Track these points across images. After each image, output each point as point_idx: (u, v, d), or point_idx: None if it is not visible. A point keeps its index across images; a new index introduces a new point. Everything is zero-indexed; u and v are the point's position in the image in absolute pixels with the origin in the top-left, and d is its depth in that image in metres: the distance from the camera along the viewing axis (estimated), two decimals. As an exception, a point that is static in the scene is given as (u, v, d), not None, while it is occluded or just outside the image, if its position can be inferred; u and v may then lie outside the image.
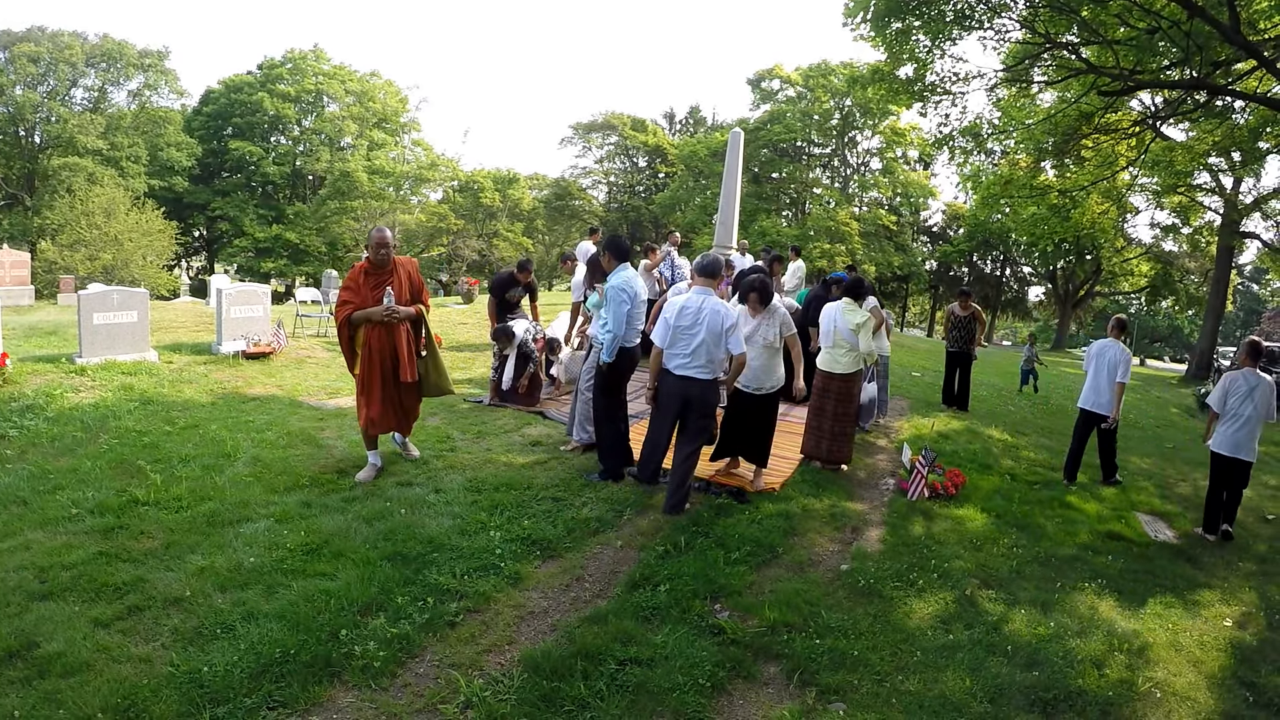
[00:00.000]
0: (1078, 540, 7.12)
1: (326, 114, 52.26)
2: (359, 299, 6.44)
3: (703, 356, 6.27)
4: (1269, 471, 12.42)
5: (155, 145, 47.00)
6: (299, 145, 52.52)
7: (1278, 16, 12.24)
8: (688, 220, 50.86)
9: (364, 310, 6.40)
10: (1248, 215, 30.55)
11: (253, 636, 3.92)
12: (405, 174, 53.41)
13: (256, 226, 47.75)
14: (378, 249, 6.48)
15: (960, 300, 12.96)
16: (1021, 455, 10.40)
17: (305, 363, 11.50)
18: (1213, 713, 4.41)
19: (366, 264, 6.55)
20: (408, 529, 5.43)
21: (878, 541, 6.43)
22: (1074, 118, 15.73)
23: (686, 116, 67.88)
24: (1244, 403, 7.74)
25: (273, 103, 49.36)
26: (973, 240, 51.48)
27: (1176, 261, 45.39)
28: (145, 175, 45.60)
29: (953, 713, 4.00)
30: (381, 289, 6.49)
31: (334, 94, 52.32)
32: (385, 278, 6.55)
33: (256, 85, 50.41)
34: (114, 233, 33.45)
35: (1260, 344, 8.23)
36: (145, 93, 49.76)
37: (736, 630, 4.51)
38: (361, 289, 6.47)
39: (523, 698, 3.68)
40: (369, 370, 6.52)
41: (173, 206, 45.47)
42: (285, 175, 51.76)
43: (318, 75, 52.01)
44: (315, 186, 53.17)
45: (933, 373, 18.91)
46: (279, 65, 51.77)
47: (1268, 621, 5.96)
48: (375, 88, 54.64)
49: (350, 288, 6.48)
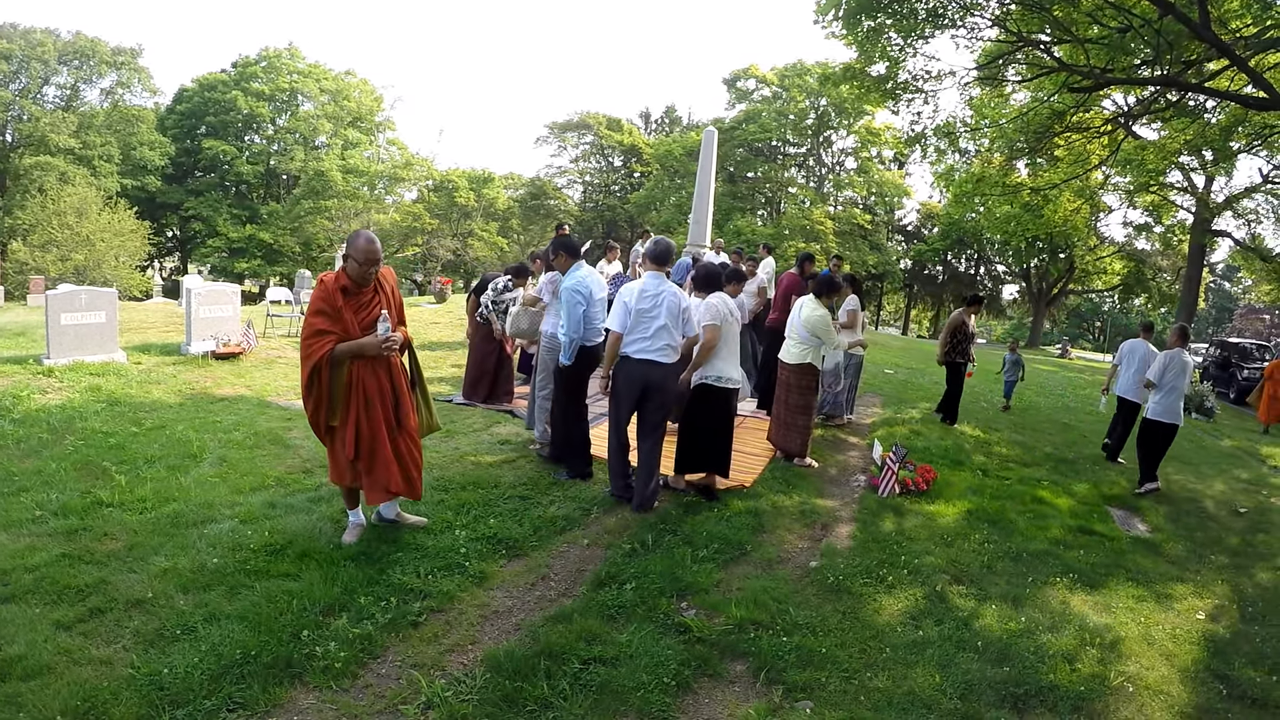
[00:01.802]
0: (1050, 535, 7.15)
1: (301, 113, 52.07)
2: (340, 327, 4.88)
3: (663, 339, 6.34)
4: (1241, 466, 12.55)
5: (128, 144, 46.70)
6: (273, 144, 52.32)
7: (1249, 16, 12.34)
8: (663, 220, 51.07)
9: (353, 343, 4.88)
10: (1219, 214, 30.92)
11: (214, 638, 3.85)
12: (380, 173, 53.36)
13: (230, 226, 47.49)
14: (365, 264, 4.89)
15: (970, 309, 11.97)
16: (994, 451, 10.45)
17: (275, 363, 11.39)
18: (1186, 706, 4.41)
19: (344, 280, 4.94)
20: (373, 529, 5.37)
21: (848, 538, 6.41)
22: (1046, 116, 15.83)
23: (662, 116, 68.21)
24: (1178, 376, 9.29)
25: (247, 101, 49.10)
26: (947, 239, 51.98)
27: (1149, 260, 45.94)
28: (118, 175, 45.32)
29: (922, 709, 3.97)
30: (368, 312, 5.02)
31: (309, 93, 52.15)
32: (370, 297, 5.07)
33: (230, 84, 50.18)
34: (86, 233, 33.21)
35: (1188, 329, 9.92)
36: (118, 91, 49.50)
37: (703, 628, 4.47)
38: (342, 314, 4.90)
39: (485, 698, 3.63)
40: (364, 421, 5.01)
41: (145, 206, 45.18)
42: (259, 175, 51.54)
43: (292, 74, 51.83)
44: (289, 186, 52.97)
45: (905, 370, 19.02)
46: (253, 64, 51.56)
47: (1240, 614, 5.99)
48: (350, 86, 54.49)
49: (325, 313, 4.87)
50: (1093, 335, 69.01)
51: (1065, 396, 19.13)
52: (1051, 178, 19.95)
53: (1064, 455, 10.88)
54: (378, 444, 5.03)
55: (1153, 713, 4.28)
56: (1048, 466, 9.99)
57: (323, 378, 4.87)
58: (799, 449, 8.42)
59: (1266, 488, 11.07)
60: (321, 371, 4.85)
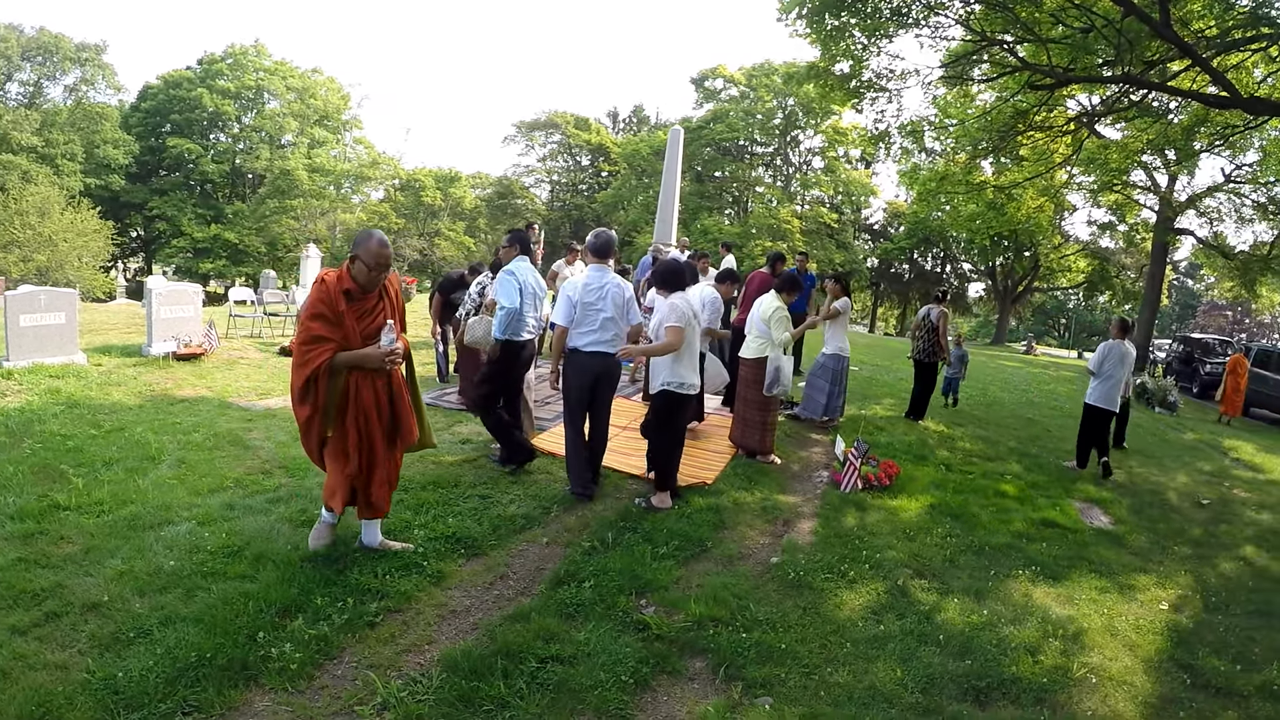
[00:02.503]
0: (1012, 529, 7.21)
1: (267, 111, 51.55)
2: (340, 334, 4.49)
3: (611, 330, 6.40)
4: (1203, 458, 12.74)
5: (91, 142, 46.04)
6: (238, 143, 51.77)
7: (1210, 17, 12.48)
8: (630, 219, 51.23)
9: (354, 353, 4.53)
10: (1182, 212, 31.31)
11: (169, 641, 3.79)
12: (346, 172, 53.00)
13: (195, 226, 46.90)
14: (376, 267, 4.53)
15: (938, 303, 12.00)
16: (957, 446, 10.53)
17: (237, 364, 11.26)
18: (1150, 696, 4.45)
19: (347, 282, 4.54)
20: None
21: (809, 534, 6.43)
22: (1010, 115, 15.95)
23: (630, 115, 68.38)
24: (1117, 366, 9.91)
25: (212, 99, 48.54)
26: (913, 237, 52.41)
27: (1113, 257, 46.50)
28: (81, 173, 44.68)
29: (883, 704, 3.98)
30: (371, 320, 4.65)
31: (275, 90, 51.67)
32: (375, 304, 4.69)
33: (196, 81, 49.58)
34: (48, 233, 32.80)
35: (1128, 321, 10.55)
36: (82, 88, 48.81)
37: (662, 626, 4.46)
38: (345, 320, 4.50)
39: (440, 698, 3.61)
40: (360, 435, 4.69)
41: (109, 206, 44.68)
42: (224, 174, 51.00)
43: (258, 71, 51.31)
44: (255, 185, 52.45)
45: (870, 366, 19.13)
46: (219, 61, 50.97)
47: (1204, 604, 6.08)
48: (317, 84, 54.04)
49: (324, 316, 4.46)
50: (1058, 332, 69.74)
51: (1029, 392, 19.32)
52: (1015, 176, 20.14)
53: (1028, 450, 10.99)
54: (375, 461, 4.76)
55: (1116, 703, 4.32)
56: (1011, 461, 10.07)
57: (319, 388, 4.47)
58: (758, 445, 8.42)
59: (1229, 479, 11.25)
60: (318, 381, 4.45)
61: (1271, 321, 55.75)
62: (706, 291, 9.20)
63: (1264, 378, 21.17)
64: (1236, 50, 12.77)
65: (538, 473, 7.14)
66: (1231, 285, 34.19)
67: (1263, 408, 21.46)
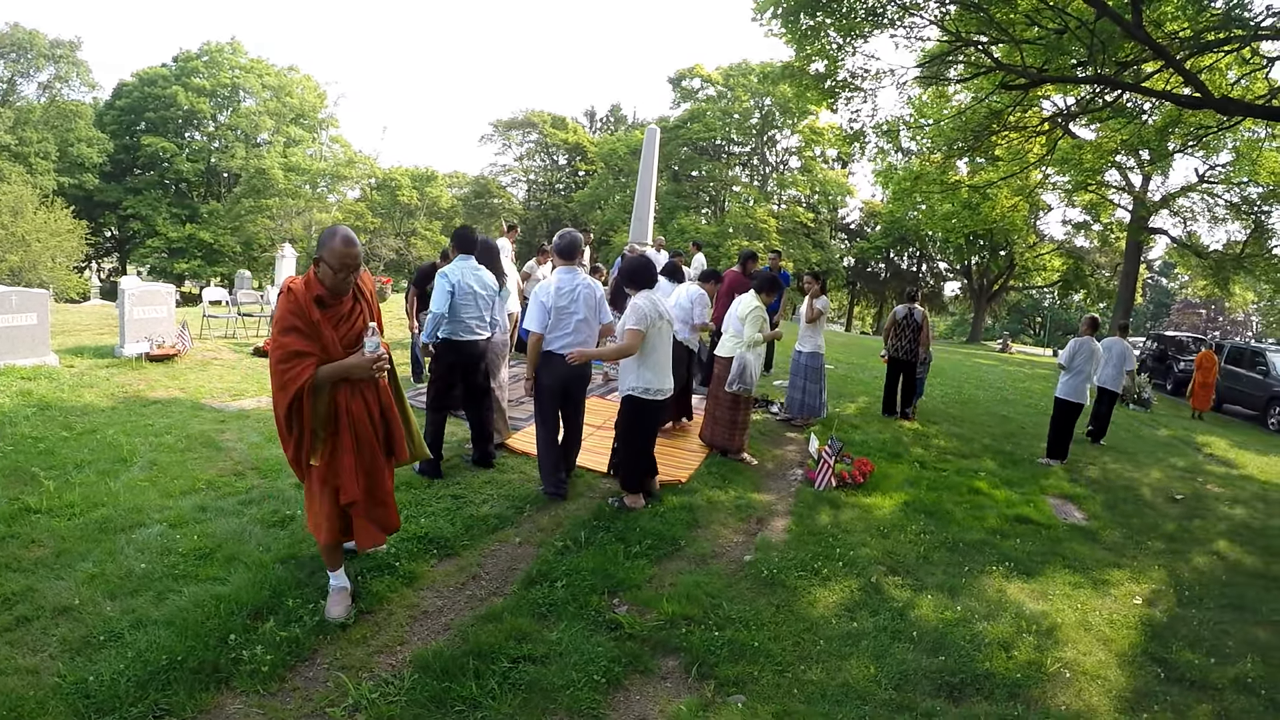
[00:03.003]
0: (986, 525, 7.25)
1: (242, 109, 51.02)
2: (318, 346, 4.02)
3: (584, 332, 6.40)
4: (1177, 454, 12.88)
5: (65, 140, 45.37)
6: (214, 141, 51.24)
7: (1183, 19, 12.59)
8: (607, 218, 51.22)
9: (338, 365, 4.06)
10: (1156, 212, 31.63)
11: (141, 644, 3.77)
12: (322, 171, 52.55)
13: (169, 226, 46.38)
14: (342, 268, 4.04)
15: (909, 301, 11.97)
16: (932, 443, 10.59)
17: (210, 364, 11.17)
18: (1124, 690, 4.48)
19: (316, 288, 4.06)
20: (304, 531, 5.25)
21: (783, 531, 6.45)
22: (984, 115, 16.05)
23: (607, 115, 68.33)
24: (1086, 361, 10.54)
25: (187, 97, 48.01)
26: (889, 237, 52.63)
27: (1087, 256, 46.91)
28: (54, 172, 44.02)
29: (856, 701, 4.00)
30: (349, 325, 4.20)
31: (250, 88, 51.19)
32: (350, 307, 4.24)
33: (171, 78, 49.03)
34: (21, 233, 32.39)
35: (1097, 319, 11.11)
36: (56, 85, 47.92)
37: (634, 625, 4.46)
38: (320, 330, 4.03)
39: (412, 699, 3.60)
40: (354, 454, 4.18)
41: (83, 205, 44.09)
42: (199, 173, 50.51)
43: (234, 69, 50.80)
44: (230, 184, 51.91)
45: (845, 365, 19.21)
46: (194, 58, 50.42)
47: (1177, 598, 6.13)
48: (293, 82, 53.55)
49: (298, 329, 3.98)
50: (1033, 330, 70.20)
51: (1004, 390, 19.46)
52: (990, 176, 20.30)
53: (1002, 447, 11.07)
54: (377, 479, 4.30)
55: (1090, 697, 4.35)
56: (986, 458, 10.13)
57: (305, 409, 3.99)
58: (727, 442, 8.40)
59: (1202, 475, 11.37)
60: (303, 402, 3.97)
61: (1245, 319, 56.27)
62: (693, 289, 9.23)
63: (1237, 374, 21.46)
64: (1210, 52, 12.89)
65: (511, 472, 7.12)
66: (1205, 284, 34.60)
67: (1236, 404, 21.72)
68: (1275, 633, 5.68)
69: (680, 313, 9.03)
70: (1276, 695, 4.63)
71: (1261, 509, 9.76)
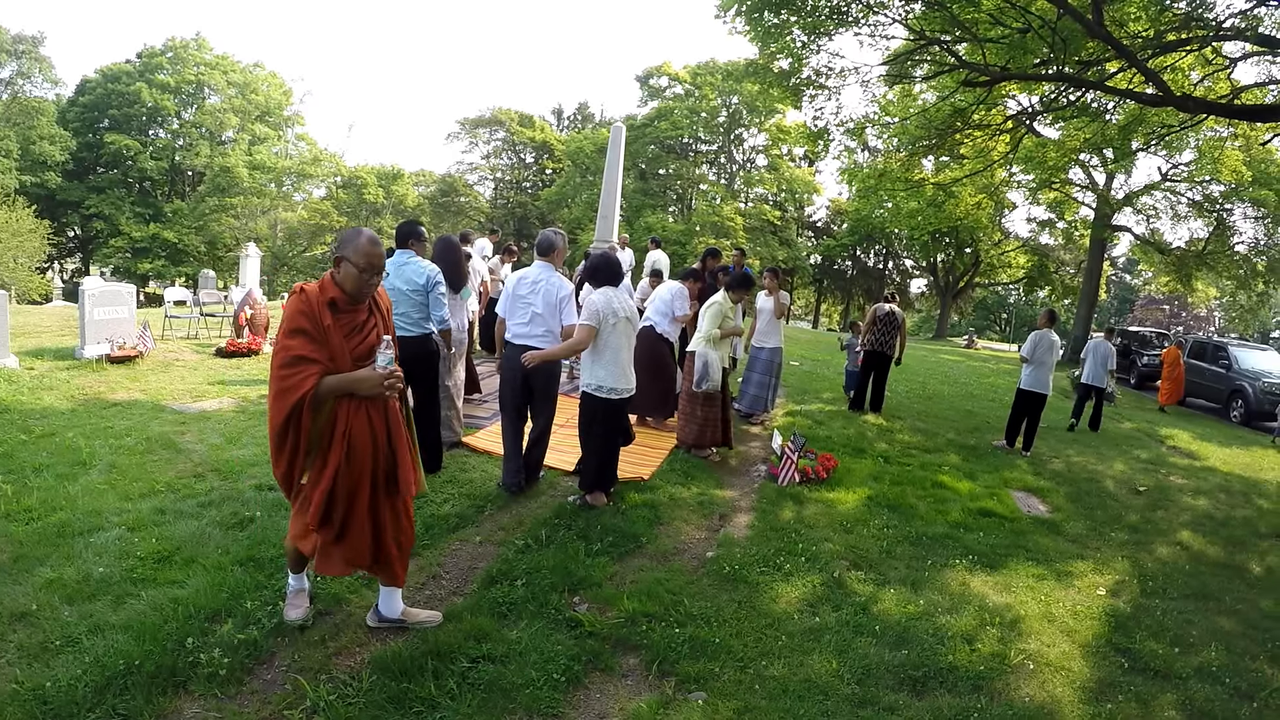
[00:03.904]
0: (950, 519, 7.32)
1: (207, 106, 50.43)
2: (326, 354, 3.69)
3: (541, 325, 6.38)
4: (1141, 446, 13.05)
5: (27, 138, 44.50)
6: (178, 139, 50.68)
7: (1145, 19, 12.74)
8: (574, 216, 51.21)
9: (345, 377, 3.71)
10: (1119, 210, 32.00)
11: (98, 649, 3.73)
12: (287, 169, 52.17)
13: (133, 225, 45.80)
14: (369, 269, 3.75)
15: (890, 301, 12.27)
16: (896, 439, 10.68)
17: (172, 366, 11.04)
18: (1088, 680, 4.52)
19: (332, 290, 3.75)
20: (263, 533, 5.24)
21: (746, 528, 6.47)
22: (948, 113, 16.16)
23: (575, 113, 68.40)
24: (1047, 353, 10.87)
25: (151, 94, 47.46)
26: (855, 235, 52.95)
27: (1052, 253, 47.38)
28: (16, 170, 43.21)
29: (819, 696, 4.00)
30: (361, 337, 3.85)
31: (215, 85, 50.66)
32: (365, 318, 3.90)
33: (135, 75, 48.41)
34: (-19, 233, 31.85)
35: (1054, 312, 11.62)
36: (18, 81, 47.07)
37: (594, 623, 4.46)
38: (330, 337, 3.70)
39: (370, 700, 3.58)
40: (344, 476, 3.80)
41: (45, 204, 43.35)
42: (163, 171, 49.88)
43: (199, 65, 50.23)
44: (194, 183, 51.39)
45: (811, 361, 19.31)
46: (159, 54, 49.84)
47: (1141, 588, 6.21)
48: (258, 79, 53.07)
49: (306, 331, 3.66)
50: (999, 327, 70.84)
51: (970, 385, 19.67)
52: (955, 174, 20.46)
53: (966, 441, 11.17)
54: (355, 506, 3.87)
55: (1054, 688, 4.38)
56: (950, 452, 10.22)
57: (303, 422, 3.62)
58: (693, 439, 8.40)
59: (1165, 467, 11.53)
60: (303, 413, 3.60)
61: (1207, 315, 57.10)
62: (673, 285, 9.29)
63: (1200, 369, 21.82)
64: (1172, 51, 13.04)
65: (472, 471, 7.10)
66: (1168, 280, 35.06)
67: (1199, 398, 22.07)
68: (1239, 621, 5.78)
69: (662, 306, 9.12)
70: (1240, 683, 4.70)
71: (1224, 500, 9.92)
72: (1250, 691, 4.63)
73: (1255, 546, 7.99)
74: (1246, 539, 8.21)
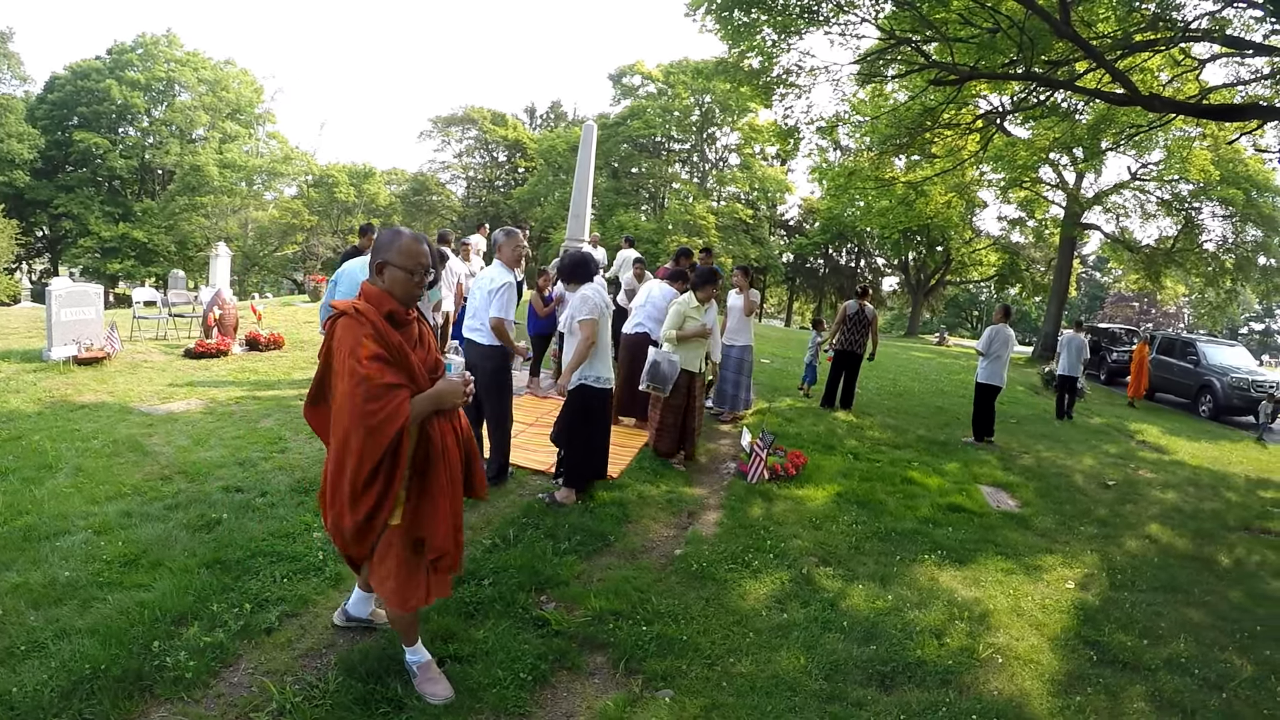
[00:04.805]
0: (919, 514, 7.35)
1: (177, 104, 49.86)
2: (405, 375, 3.35)
3: (479, 320, 6.46)
4: (1109, 441, 13.20)
5: (-6, 136, 44.10)
6: (148, 137, 50.04)
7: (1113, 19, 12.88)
8: (546, 215, 51.18)
9: (429, 395, 3.42)
10: (1089, 208, 32.29)
11: (64, 654, 3.70)
12: (258, 168, 51.68)
13: (102, 225, 45.20)
14: (417, 269, 3.43)
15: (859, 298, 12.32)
16: (866, 435, 10.73)
17: (140, 367, 10.92)
18: (1057, 673, 4.55)
19: (389, 303, 3.39)
20: (230, 535, 5.21)
21: (714, 525, 6.48)
22: (918, 112, 16.28)
23: (548, 111, 68.28)
24: (1003, 347, 11.31)
25: (121, 91, 46.84)
26: (827, 233, 53.16)
27: (1023, 251, 47.74)
28: (-16, 169, 42.81)
29: (786, 692, 4.02)
30: (426, 349, 3.57)
31: (186, 82, 50.08)
32: (418, 328, 3.59)
33: (105, 71, 47.72)
34: (-53, 234, 31.43)
35: (1010, 308, 11.98)
36: (-13, 78, 46.67)
37: (561, 621, 4.45)
38: (406, 354, 3.36)
39: (337, 701, 3.57)
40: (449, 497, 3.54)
41: (13, 204, 42.81)
42: (133, 169, 49.28)
43: (170, 62, 49.62)
44: (164, 182, 50.75)
45: (781, 359, 19.37)
46: (129, 50, 49.20)
47: (1110, 581, 6.26)
48: (229, 76, 52.51)
49: (383, 357, 3.27)
50: (970, 324, 71.30)
51: (940, 381, 19.79)
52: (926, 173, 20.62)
53: (935, 437, 11.25)
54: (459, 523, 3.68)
55: (1023, 681, 4.40)
56: (920, 448, 10.28)
57: (403, 454, 3.31)
58: (666, 447, 8.11)
59: (1134, 461, 11.67)
60: (402, 444, 3.28)
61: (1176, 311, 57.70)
62: (665, 288, 9.18)
63: (1168, 364, 22.15)
64: (1140, 52, 13.20)
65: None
66: (1137, 278, 35.44)
67: (1168, 393, 22.40)
68: (1207, 613, 5.84)
69: (655, 311, 8.97)
70: (1209, 674, 4.75)
71: (1193, 493, 10.05)
72: (1219, 682, 4.68)
73: (1224, 539, 8.10)
74: (1215, 531, 8.31)
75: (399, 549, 3.46)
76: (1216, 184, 26.80)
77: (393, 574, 3.48)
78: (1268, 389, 19.38)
